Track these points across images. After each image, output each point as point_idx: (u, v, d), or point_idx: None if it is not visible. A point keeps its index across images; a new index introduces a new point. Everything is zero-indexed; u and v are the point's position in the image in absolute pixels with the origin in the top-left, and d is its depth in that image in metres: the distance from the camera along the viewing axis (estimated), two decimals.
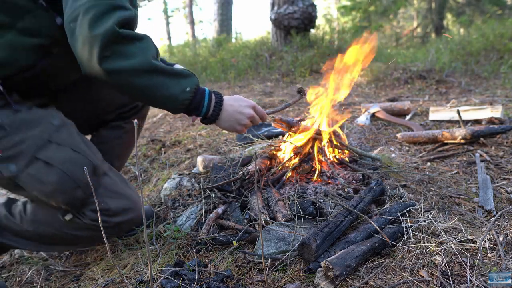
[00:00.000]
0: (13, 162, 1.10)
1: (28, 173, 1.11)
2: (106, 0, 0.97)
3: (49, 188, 1.12)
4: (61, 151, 1.14)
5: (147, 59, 1.01)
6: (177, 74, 1.06)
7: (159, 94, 1.05)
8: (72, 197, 1.16)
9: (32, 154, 1.11)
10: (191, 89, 1.08)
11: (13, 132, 1.09)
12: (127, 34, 0.99)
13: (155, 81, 1.02)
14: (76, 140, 1.20)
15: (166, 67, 1.04)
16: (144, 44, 1.02)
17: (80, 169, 1.15)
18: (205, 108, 1.13)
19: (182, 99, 1.07)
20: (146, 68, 1.01)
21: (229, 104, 1.18)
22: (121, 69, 0.99)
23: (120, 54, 0.98)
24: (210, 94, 1.15)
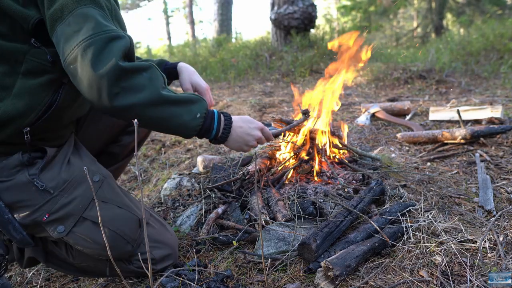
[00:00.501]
0: (61, 224, 1.11)
1: (76, 233, 1.12)
2: (100, 35, 0.94)
3: (99, 247, 1.14)
4: (107, 209, 1.14)
5: (157, 91, 1.01)
6: (187, 101, 1.07)
7: (172, 124, 1.06)
8: (122, 252, 1.19)
9: (79, 215, 1.12)
10: (201, 115, 1.09)
11: (59, 194, 1.10)
12: (132, 67, 0.97)
13: (166, 112, 1.03)
14: (118, 195, 1.21)
15: (175, 96, 1.04)
16: (151, 74, 1.02)
17: (127, 225, 1.17)
18: (215, 131, 1.15)
19: (194, 126, 1.08)
20: (156, 100, 1.00)
21: (238, 125, 1.20)
22: (133, 105, 0.98)
23: (129, 89, 0.97)
24: (219, 117, 1.16)
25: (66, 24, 0.95)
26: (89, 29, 0.94)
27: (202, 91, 1.47)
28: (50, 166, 1.12)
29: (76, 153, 1.23)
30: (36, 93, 1.02)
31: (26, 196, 1.07)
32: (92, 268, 1.28)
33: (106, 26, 0.96)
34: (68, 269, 1.32)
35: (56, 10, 0.95)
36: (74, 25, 0.94)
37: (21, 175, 1.06)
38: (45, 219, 1.08)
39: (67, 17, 0.95)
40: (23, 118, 1.01)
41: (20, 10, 0.96)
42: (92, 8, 0.97)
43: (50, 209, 1.08)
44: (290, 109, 3.93)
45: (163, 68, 1.49)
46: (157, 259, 1.26)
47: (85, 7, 0.96)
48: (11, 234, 1.09)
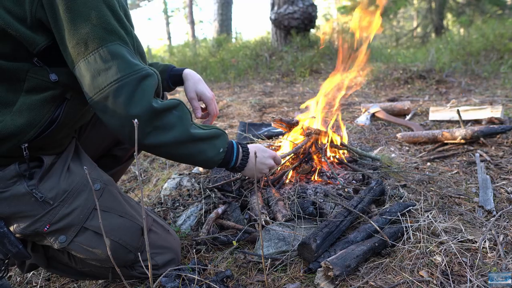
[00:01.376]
0: (62, 234, 1.10)
1: (78, 243, 1.11)
2: (132, 75, 0.95)
3: (101, 257, 1.14)
4: (108, 219, 1.13)
5: (186, 130, 1.05)
6: (211, 137, 1.13)
7: (198, 159, 1.12)
8: (124, 261, 1.19)
9: (80, 225, 1.11)
10: (224, 149, 1.17)
11: (59, 205, 1.08)
12: (163, 106, 1.00)
13: (194, 149, 1.09)
14: (119, 203, 1.20)
15: (202, 133, 1.09)
16: (180, 112, 1.05)
17: (128, 234, 1.17)
18: (233, 162, 1.23)
19: (217, 160, 1.17)
20: (186, 139, 1.06)
21: (253, 156, 1.27)
22: (164, 143, 1.02)
23: (161, 129, 1.01)
24: (238, 149, 1.24)
25: (92, 60, 0.93)
26: (120, 69, 0.93)
27: (207, 101, 1.46)
28: (49, 175, 1.10)
29: (76, 159, 1.20)
30: (37, 109, 1.00)
31: (25, 207, 1.05)
32: (94, 272, 1.27)
33: (136, 66, 0.96)
34: (70, 273, 1.31)
35: (79, 44, 0.92)
36: (101, 63, 0.93)
37: (19, 186, 1.04)
38: (46, 230, 1.07)
39: (92, 53, 0.93)
40: (22, 135, 0.99)
41: (27, 34, 0.93)
42: (119, 45, 0.95)
43: (51, 220, 1.07)
44: (290, 109, 3.93)
45: (168, 74, 1.46)
46: (160, 265, 1.25)
47: (112, 44, 0.94)
48: (6, 247, 1.07)
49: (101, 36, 0.93)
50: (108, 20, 0.94)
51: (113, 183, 1.25)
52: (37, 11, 0.92)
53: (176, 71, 1.48)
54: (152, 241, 1.24)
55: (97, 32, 0.93)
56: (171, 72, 1.47)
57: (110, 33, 0.94)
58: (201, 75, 1.52)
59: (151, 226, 1.28)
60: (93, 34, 0.92)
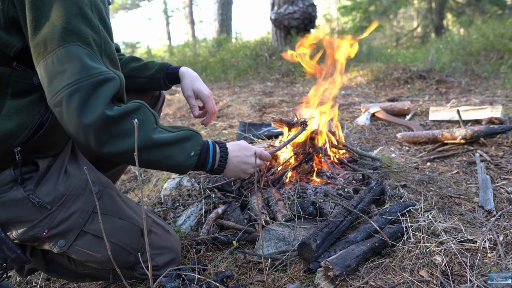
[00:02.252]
0: (61, 238, 1.09)
1: (78, 247, 1.11)
2: (86, 80, 0.87)
3: (102, 259, 1.13)
4: (107, 222, 1.12)
5: (148, 135, 0.97)
6: (180, 140, 1.03)
7: (166, 165, 1.03)
8: (124, 263, 1.19)
9: (80, 229, 1.10)
10: (196, 152, 1.07)
11: (57, 210, 1.07)
12: (120, 112, 0.92)
13: (159, 154, 1.00)
14: (119, 206, 1.19)
15: (167, 137, 1.00)
16: (141, 116, 0.97)
17: (128, 237, 1.16)
18: (210, 165, 1.13)
19: (188, 165, 1.06)
20: (148, 145, 0.97)
21: (234, 155, 1.18)
22: (123, 151, 0.94)
23: (118, 136, 0.93)
24: (214, 149, 1.14)
25: (50, 62, 0.88)
26: (75, 72, 0.87)
27: (204, 99, 1.43)
28: (46, 179, 1.08)
29: (73, 161, 1.18)
30: (25, 112, 0.97)
31: (23, 212, 1.04)
32: (95, 274, 1.27)
33: (93, 69, 0.89)
34: (71, 276, 1.31)
35: (39, 44, 0.88)
36: (58, 65, 0.88)
37: (16, 191, 1.02)
38: (45, 235, 1.06)
39: (50, 54, 0.88)
40: (12, 138, 0.97)
41: (2, 36, 0.90)
42: (78, 47, 0.89)
43: (49, 225, 1.06)
44: (290, 109, 3.93)
45: (164, 72, 1.45)
46: (161, 265, 1.25)
47: (70, 45, 0.88)
48: (5, 253, 1.07)
49: (60, 36, 0.88)
50: (70, 20, 0.89)
51: (112, 185, 1.24)
52: (9, 9, 0.89)
53: (173, 69, 1.46)
54: (152, 242, 1.24)
55: (56, 33, 0.88)
56: (167, 71, 1.45)
57: (71, 34, 0.89)
58: (201, 75, 1.51)
59: (151, 227, 1.28)
60: (52, 34, 0.88)
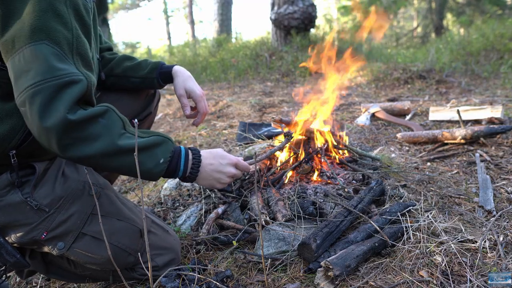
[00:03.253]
0: (60, 241, 1.09)
1: (77, 249, 1.11)
2: (50, 81, 0.84)
3: (101, 261, 1.13)
4: (106, 223, 1.12)
5: (112, 141, 0.93)
6: (149, 146, 0.99)
7: (133, 172, 0.96)
8: (124, 264, 1.19)
9: (78, 231, 1.10)
10: (165, 160, 1.02)
11: (55, 212, 1.07)
12: (84, 116, 0.89)
13: (126, 161, 0.95)
14: (118, 207, 1.19)
15: (134, 142, 0.95)
16: (107, 121, 0.94)
17: (128, 238, 1.16)
18: (181, 172, 1.08)
19: (157, 172, 1.02)
20: (113, 151, 0.93)
21: (208, 163, 1.13)
22: (87, 156, 0.91)
23: (82, 140, 0.90)
24: (186, 156, 1.09)
25: (16, 60, 0.86)
26: (38, 73, 0.84)
27: (196, 98, 1.42)
28: (43, 182, 1.07)
29: (71, 164, 1.18)
30: (17, 114, 0.95)
31: (21, 215, 1.03)
32: (94, 275, 1.27)
33: (58, 70, 0.86)
34: (70, 278, 1.31)
35: (7, 41, 0.86)
36: (23, 64, 0.85)
37: (13, 195, 1.02)
38: (44, 237, 1.06)
39: (17, 52, 0.86)
40: (6, 142, 0.96)
41: None
42: (45, 45, 0.86)
43: (48, 227, 1.06)
44: (290, 109, 3.93)
45: (158, 71, 1.44)
46: (160, 266, 1.25)
47: (37, 43, 0.85)
48: (4, 258, 1.07)
49: (28, 34, 0.85)
50: (39, 16, 0.86)
51: (110, 186, 1.24)
52: None
53: (166, 68, 1.45)
54: (152, 243, 1.24)
55: (25, 30, 0.85)
56: (161, 70, 1.44)
57: (39, 31, 0.86)
58: (201, 75, 1.51)
59: (150, 227, 1.27)
60: (21, 31, 0.85)
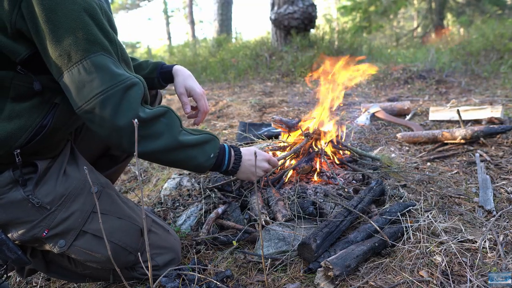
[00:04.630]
0: (61, 238, 1.10)
1: (77, 247, 1.12)
2: (117, 86, 0.95)
3: (101, 259, 1.14)
4: (107, 222, 1.13)
5: (175, 137, 1.05)
6: (201, 142, 1.12)
7: (188, 165, 1.13)
8: (125, 263, 1.20)
9: (79, 229, 1.11)
10: (215, 154, 1.16)
11: (56, 210, 1.08)
12: (151, 115, 1.00)
13: (183, 155, 1.08)
14: (118, 205, 1.20)
15: (191, 139, 1.09)
16: (168, 120, 1.05)
17: (128, 236, 1.18)
18: (225, 166, 1.22)
19: (208, 165, 1.16)
20: (174, 146, 1.05)
21: (247, 159, 1.27)
22: (152, 151, 1.03)
23: (148, 137, 1.01)
24: (229, 152, 1.24)
25: (75, 72, 0.92)
26: (105, 80, 0.93)
27: (196, 97, 1.43)
28: (45, 180, 1.09)
29: (72, 162, 1.19)
30: (26, 115, 0.99)
31: (22, 213, 1.04)
32: (95, 274, 1.27)
33: (119, 76, 0.96)
34: (71, 277, 1.31)
35: (62, 56, 0.91)
36: (85, 75, 0.92)
37: (15, 192, 1.03)
38: (45, 235, 1.07)
39: (76, 65, 0.92)
40: (12, 141, 0.98)
41: (8, 44, 0.92)
42: (103, 56, 0.94)
43: (49, 225, 1.07)
44: (290, 109, 3.93)
45: (158, 71, 1.45)
46: (161, 265, 1.26)
47: (96, 55, 0.93)
48: (5, 254, 1.07)
49: (84, 47, 0.92)
50: (90, 31, 0.93)
51: (111, 185, 1.24)
52: (17, 22, 0.90)
53: (166, 68, 1.46)
54: (152, 242, 1.24)
55: (80, 44, 0.91)
56: (161, 70, 1.45)
57: (93, 44, 0.93)
58: (201, 75, 1.51)
59: (151, 226, 1.28)
60: (76, 45, 0.91)
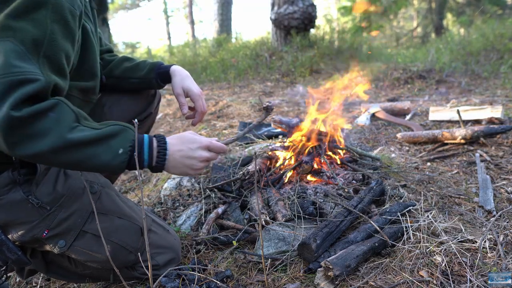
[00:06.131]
0: (61, 239, 1.10)
1: (78, 247, 1.12)
2: (8, 77, 0.83)
3: (102, 259, 1.14)
4: (107, 221, 1.13)
5: (62, 136, 0.88)
6: (104, 137, 0.93)
7: (90, 165, 0.94)
8: (125, 262, 1.19)
9: (79, 229, 1.11)
10: (125, 150, 0.95)
11: (56, 210, 1.08)
12: (30, 112, 0.85)
13: (79, 155, 0.90)
14: (118, 205, 1.19)
15: (89, 135, 0.91)
16: (57, 114, 0.89)
17: (128, 236, 1.17)
18: (147, 162, 1.01)
19: (118, 163, 0.95)
20: (64, 146, 0.88)
21: (176, 149, 1.04)
22: (38, 153, 0.87)
23: (29, 137, 0.86)
24: (150, 144, 1.01)
25: None
26: None
27: (194, 97, 1.40)
28: (45, 180, 1.08)
29: None
30: None
31: (22, 213, 1.04)
32: (95, 274, 1.27)
33: (14, 67, 0.84)
34: (71, 278, 1.31)
35: None
36: None
37: (15, 193, 1.02)
38: (45, 235, 1.07)
39: None
40: None
41: None
42: (9, 43, 0.86)
43: (49, 225, 1.06)
44: (290, 109, 3.93)
45: (156, 71, 1.43)
46: (161, 264, 1.26)
47: (2, 40, 0.86)
48: (5, 255, 1.07)
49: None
50: (13, 16, 0.87)
51: (110, 185, 1.24)
52: None
53: (164, 68, 1.44)
54: (152, 241, 1.24)
55: None
56: (158, 70, 1.43)
57: (7, 29, 0.87)
58: (201, 75, 1.49)
59: (151, 226, 1.28)
60: None
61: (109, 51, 1.51)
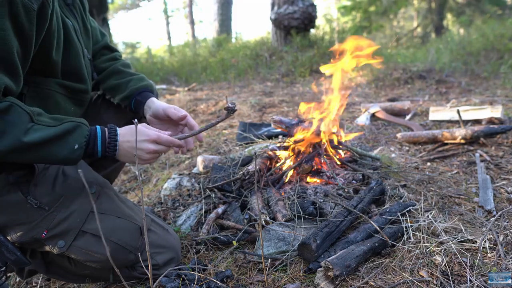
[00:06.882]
0: (61, 239, 1.10)
1: (77, 247, 1.12)
2: None
3: (101, 259, 1.14)
4: (106, 221, 1.13)
5: (17, 139, 0.89)
6: (60, 135, 0.96)
7: (50, 161, 0.98)
8: (125, 262, 1.19)
9: (78, 229, 1.11)
10: (81, 145, 1.00)
11: (55, 210, 1.08)
12: None
13: (38, 154, 0.94)
14: (117, 205, 1.20)
15: (45, 135, 0.93)
16: (10, 116, 0.89)
17: (128, 235, 1.17)
18: (101, 153, 1.07)
19: (75, 157, 1.00)
20: (20, 148, 0.90)
21: (125, 140, 1.10)
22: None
23: None
24: (103, 136, 1.07)
25: None
26: None
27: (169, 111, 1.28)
28: (43, 180, 1.08)
29: None
30: None
31: (21, 214, 1.04)
32: (95, 274, 1.27)
33: None
34: (71, 278, 1.31)
35: None
36: None
37: (13, 194, 1.02)
38: (44, 236, 1.07)
39: None
40: None
41: None
42: None
43: (48, 226, 1.07)
44: (290, 109, 3.93)
45: (132, 100, 1.34)
46: (160, 264, 1.26)
47: None
48: (4, 255, 1.07)
49: None
50: None
51: (109, 185, 1.24)
52: None
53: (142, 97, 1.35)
54: (152, 241, 1.24)
55: None
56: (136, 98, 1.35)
57: None
58: (201, 75, 1.47)
59: (150, 225, 1.28)
60: None
61: (106, 46, 1.46)
